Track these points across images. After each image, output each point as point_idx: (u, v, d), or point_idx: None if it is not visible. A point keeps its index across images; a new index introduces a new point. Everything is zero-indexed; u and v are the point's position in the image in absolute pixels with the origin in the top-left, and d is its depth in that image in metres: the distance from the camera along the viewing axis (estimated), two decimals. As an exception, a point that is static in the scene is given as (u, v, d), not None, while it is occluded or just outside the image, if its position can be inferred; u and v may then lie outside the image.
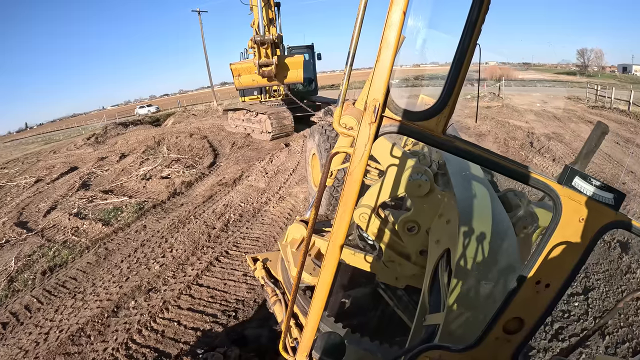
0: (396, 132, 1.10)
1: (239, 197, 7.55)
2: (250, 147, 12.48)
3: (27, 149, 25.40)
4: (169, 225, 6.34)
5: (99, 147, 17.22)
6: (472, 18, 0.92)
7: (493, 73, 31.69)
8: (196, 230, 6.08)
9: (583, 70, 61.21)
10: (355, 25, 1.03)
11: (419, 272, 2.25)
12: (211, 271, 4.75)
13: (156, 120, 27.78)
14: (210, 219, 6.49)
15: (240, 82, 9.28)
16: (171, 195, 7.96)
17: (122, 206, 7.69)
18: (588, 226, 1.05)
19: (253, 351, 3.49)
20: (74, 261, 5.48)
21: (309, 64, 15.67)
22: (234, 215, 6.56)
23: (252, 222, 6.32)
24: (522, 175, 1.07)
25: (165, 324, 3.87)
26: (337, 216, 1.20)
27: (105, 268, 5.11)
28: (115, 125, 23.41)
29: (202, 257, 5.17)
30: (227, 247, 5.43)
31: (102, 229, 6.52)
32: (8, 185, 11.58)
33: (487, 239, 1.81)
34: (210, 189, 8.21)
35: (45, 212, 7.98)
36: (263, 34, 8.18)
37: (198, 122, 20.25)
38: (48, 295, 4.62)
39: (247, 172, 9.36)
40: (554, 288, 1.12)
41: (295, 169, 9.29)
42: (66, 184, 10.24)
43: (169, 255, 5.29)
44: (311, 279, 2.52)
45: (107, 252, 5.60)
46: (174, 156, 12.07)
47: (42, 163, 15.02)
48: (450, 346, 1.31)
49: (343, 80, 1.11)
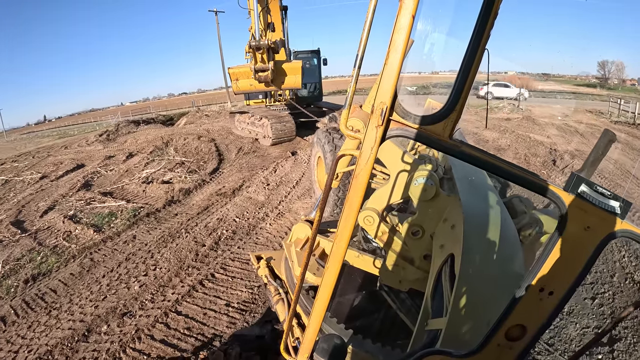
0: (403, 135, 1.10)
1: (235, 210, 7.12)
2: (256, 154, 12.18)
3: (41, 142, 25.71)
4: (158, 239, 6.02)
5: (109, 144, 17.28)
6: (480, 23, 0.92)
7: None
8: (184, 246, 5.68)
9: (603, 82, 60.06)
10: (364, 27, 1.04)
11: (423, 276, 2.25)
12: (193, 297, 4.37)
13: (169, 119, 27.81)
14: (201, 235, 6.07)
15: (239, 87, 9.23)
16: (167, 204, 7.66)
17: (118, 211, 7.49)
18: (593, 234, 1.05)
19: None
20: (58, 270, 5.25)
21: (315, 69, 15.55)
22: (227, 232, 6.12)
23: (245, 240, 5.84)
24: (528, 181, 1.06)
25: (134, 356, 3.55)
26: (342, 218, 1.21)
27: (86, 282, 4.87)
28: (127, 123, 23.47)
29: (186, 279, 4.76)
30: (214, 269, 4.97)
31: (93, 235, 6.32)
32: (14, 179, 11.67)
33: (492, 245, 1.80)
34: (208, 199, 7.86)
35: (42, 212, 7.89)
36: (259, 39, 8.12)
37: (209, 124, 20.08)
38: (26, 307, 4.42)
39: (248, 181, 9.01)
40: (557, 296, 1.12)
41: (299, 180, 8.86)
42: (69, 183, 10.23)
43: (151, 273, 4.94)
44: (315, 279, 2.53)
45: (91, 264, 5.33)
46: (179, 159, 11.95)
47: (51, 158, 15.13)
48: (452, 351, 1.30)
49: (350, 83, 1.11)
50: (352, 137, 1.20)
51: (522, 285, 1.13)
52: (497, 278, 1.67)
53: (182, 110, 36.04)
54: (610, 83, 59.76)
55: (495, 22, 0.92)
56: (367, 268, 2.51)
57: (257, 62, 8.31)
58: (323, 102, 16.11)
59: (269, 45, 8.06)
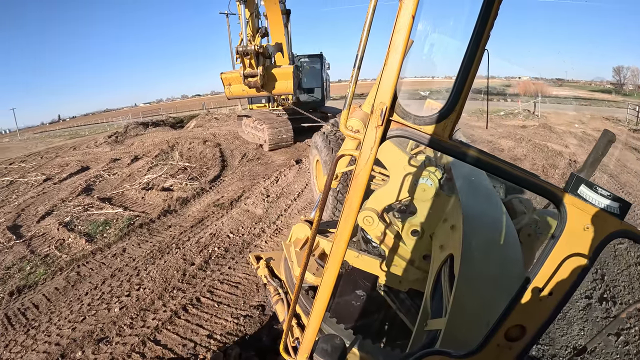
0: (403, 136, 1.10)
1: (230, 225, 6.74)
2: (260, 161, 11.88)
3: (52, 142, 25.69)
4: (147, 254, 5.73)
5: (116, 146, 17.23)
6: (480, 23, 0.92)
7: (527, 88, 30.53)
8: (172, 264, 5.35)
9: (619, 88, 59.48)
10: (363, 28, 1.04)
11: (422, 277, 2.25)
12: (174, 324, 4.05)
13: (179, 122, 27.74)
14: (191, 252, 5.72)
15: (231, 92, 9.10)
16: (163, 214, 7.40)
17: (113, 219, 7.33)
18: (593, 235, 1.05)
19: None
20: (44, 283, 5.11)
21: (317, 74, 15.23)
22: (219, 250, 5.74)
23: (237, 259, 5.41)
24: (527, 182, 1.07)
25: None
26: (341, 218, 1.21)
27: (69, 299, 4.66)
28: (136, 125, 23.44)
29: (169, 302, 4.42)
30: (200, 292, 4.61)
31: (84, 245, 6.15)
32: (19, 181, 11.65)
33: (491, 245, 1.80)
34: (205, 210, 7.59)
35: (40, 218, 7.79)
36: (245, 44, 8.00)
37: (216, 128, 19.90)
38: (7, 322, 4.31)
39: (248, 191, 8.68)
40: (556, 296, 1.12)
41: (301, 192, 8.43)
42: (71, 186, 10.17)
43: (134, 294, 4.66)
44: (314, 279, 2.53)
45: (77, 279, 5.15)
46: (182, 164, 11.79)
47: (58, 159, 15.11)
48: (452, 352, 1.30)
49: (350, 84, 1.12)
50: (352, 137, 1.20)
51: (521, 286, 1.13)
52: (496, 278, 1.67)
53: (192, 113, 35.82)
54: (625, 89, 59.08)
55: (495, 23, 0.93)
56: (367, 268, 2.51)
57: (246, 67, 8.20)
58: (327, 107, 15.82)
59: (256, 50, 7.92)
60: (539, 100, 24.85)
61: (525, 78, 52.65)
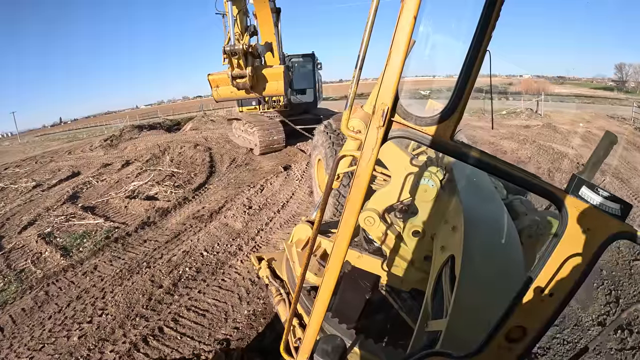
0: (404, 136, 1.10)
1: (206, 241, 6.36)
2: (248, 167, 11.57)
3: (50, 145, 25.48)
4: (116, 273, 5.44)
5: (110, 151, 17.08)
6: (482, 24, 0.92)
7: (529, 87, 30.08)
8: (139, 286, 5.02)
9: (620, 85, 59.00)
10: (365, 28, 1.04)
11: (423, 277, 2.25)
12: (132, 358, 3.75)
13: (176, 124, 27.52)
14: (160, 272, 5.36)
15: (219, 94, 8.67)
16: (140, 226, 7.12)
17: (92, 231, 7.10)
18: (594, 236, 1.05)
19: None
20: (12, 303, 4.89)
21: (309, 74, 14.69)
22: (190, 270, 5.36)
23: (209, 282, 5.03)
24: (529, 183, 1.06)
25: None
26: (343, 218, 1.21)
27: (33, 322, 4.43)
28: (131, 128, 23.21)
29: (130, 332, 4.10)
30: (164, 320, 4.25)
31: (59, 260, 5.94)
32: (9, 187, 11.45)
33: (492, 246, 1.80)
34: (183, 223, 7.22)
35: (22, 228, 7.57)
36: (233, 44, 7.71)
37: (210, 131, 19.71)
38: None
39: (230, 202, 8.30)
40: (557, 297, 1.12)
41: (286, 203, 7.96)
42: (58, 194, 9.97)
43: (96, 320, 4.36)
44: (316, 279, 2.53)
45: (45, 299, 4.92)
46: (171, 170, 11.55)
47: (52, 164, 14.94)
48: (452, 353, 1.30)
49: (352, 84, 1.12)
50: (353, 137, 1.20)
51: (522, 287, 1.13)
52: (497, 279, 1.67)
53: (190, 115, 35.50)
54: (627, 86, 58.54)
55: (496, 24, 0.93)
56: (368, 268, 2.52)
57: (234, 68, 7.93)
58: (320, 109, 15.34)
59: (245, 49, 7.66)
60: (541, 99, 24.46)
61: (526, 76, 52.44)
